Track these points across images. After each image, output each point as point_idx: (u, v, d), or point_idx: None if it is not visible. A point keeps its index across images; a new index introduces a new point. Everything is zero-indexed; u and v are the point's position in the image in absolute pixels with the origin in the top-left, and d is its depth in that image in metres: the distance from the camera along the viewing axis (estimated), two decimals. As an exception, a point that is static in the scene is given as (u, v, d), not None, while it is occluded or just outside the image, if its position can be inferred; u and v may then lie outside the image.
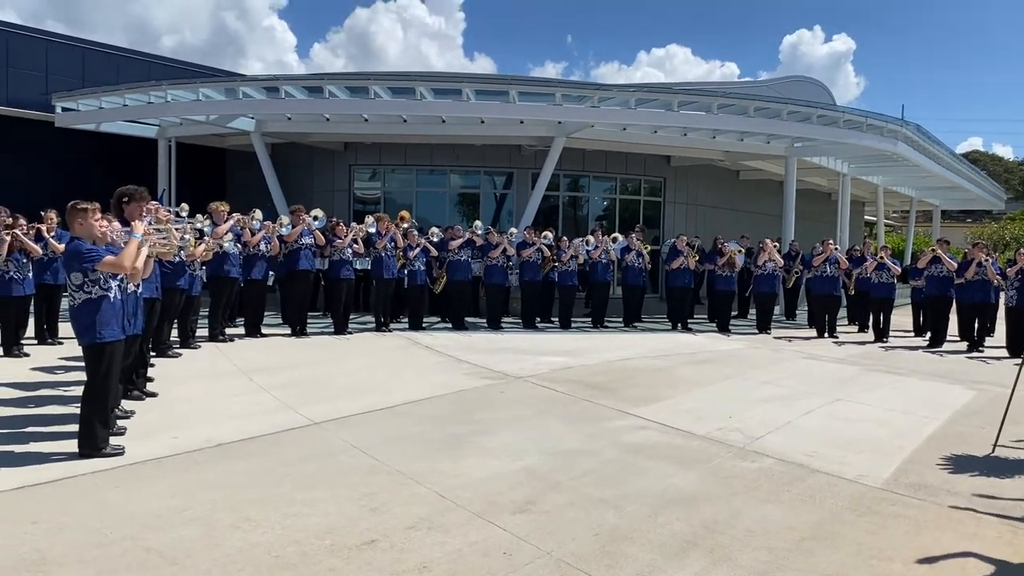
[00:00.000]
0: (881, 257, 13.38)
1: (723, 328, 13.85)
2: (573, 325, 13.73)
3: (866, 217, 32.91)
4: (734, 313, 14.92)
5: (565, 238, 14.33)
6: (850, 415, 7.35)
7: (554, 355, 10.33)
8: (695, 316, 15.20)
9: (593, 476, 5.27)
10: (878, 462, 5.78)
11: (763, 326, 13.95)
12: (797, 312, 16.48)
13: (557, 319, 13.97)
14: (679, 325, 14.05)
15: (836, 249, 13.94)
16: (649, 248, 14.88)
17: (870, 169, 21.26)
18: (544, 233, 13.67)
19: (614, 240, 14.23)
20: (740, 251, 14.27)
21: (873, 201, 26.05)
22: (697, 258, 14.48)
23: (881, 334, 13.33)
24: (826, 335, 13.51)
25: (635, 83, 26.25)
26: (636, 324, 14.25)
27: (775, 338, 13.31)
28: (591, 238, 14.03)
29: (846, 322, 15.15)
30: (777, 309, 15.52)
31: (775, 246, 14.21)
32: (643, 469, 5.48)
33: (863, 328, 14.42)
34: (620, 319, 14.34)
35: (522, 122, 15.06)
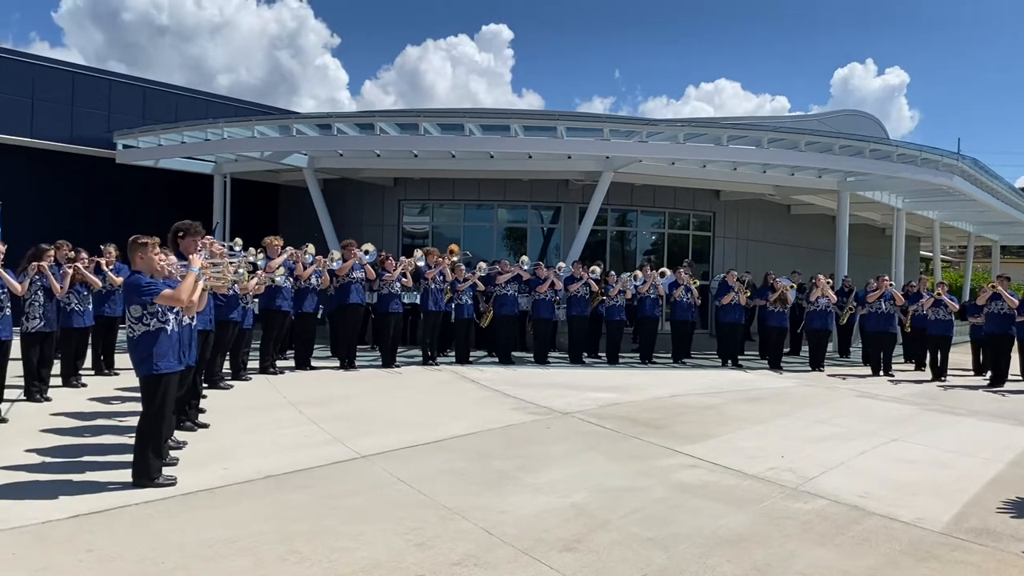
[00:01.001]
0: (938, 293, 13.05)
1: (775, 365, 13.61)
2: (621, 361, 13.62)
3: (922, 252, 32.20)
4: (786, 350, 14.65)
5: (612, 273, 14.28)
6: (907, 456, 7.14)
7: (601, 391, 10.25)
8: (746, 353, 14.98)
9: (641, 515, 5.19)
10: (937, 505, 5.59)
11: (816, 363, 13.67)
12: (851, 349, 16.13)
13: (604, 354, 13.88)
14: (729, 362, 13.85)
15: (891, 285, 13.64)
16: (698, 283, 14.74)
17: (926, 204, 20.83)
18: (592, 268, 13.64)
19: (663, 275, 14.14)
20: (792, 287, 14.05)
21: (929, 236, 25.50)
22: (748, 293, 14.29)
23: (939, 373, 12.96)
24: (881, 373, 13.19)
25: (684, 117, 26.22)
26: (685, 360, 14.08)
27: (828, 376, 13.03)
28: (639, 273, 13.96)
29: (902, 360, 14.77)
30: (830, 346, 15.20)
31: (828, 282, 13.96)
32: (693, 508, 5.38)
33: (920, 366, 14.04)
34: (669, 355, 14.19)
35: (570, 157, 15.12)
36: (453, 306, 12.88)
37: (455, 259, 13.38)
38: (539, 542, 4.60)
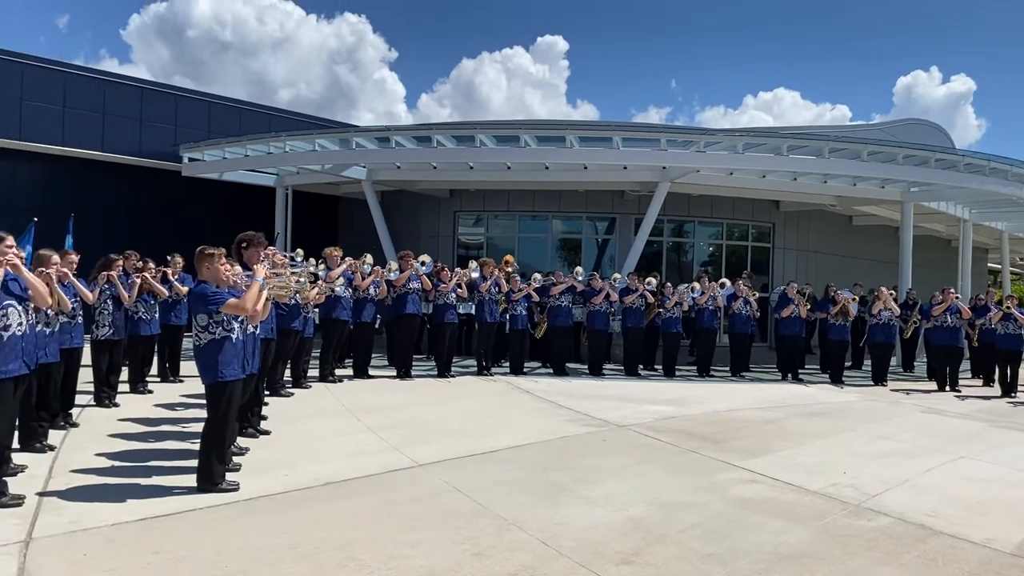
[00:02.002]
0: (1007, 307, 12.63)
1: (836, 379, 13.31)
2: (677, 373, 13.48)
3: (990, 264, 31.17)
4: (848, 364, 14.34)
5: (669, 284, 14.16)
6: (975, 474, 6.91)
7: (658, 404, 10.16)
8: (806, 366, 14.68)
9: (700, 530, 5.12)
10: (1008, 525, 5.41)
11: (879, 378, 13.33)
12: (916, 364, 15.70)
13: (660, 367, 13.75)
14: (789, 375, 13.60)
15: (957, 298, 13.26)
16: (757, 295, 14.50)
17: (994, 214, 20.19)
18: (648, 279, 13.54)
19: (721, 286, 13.96)
20: (854, 299, 13.75)
21: (998, 248, 24.68)
22: (808, 306, 14.02)
23: (1008, 388, 12.52)
24: (947, 388, 12.80)
25: (742, 127, 25.87)
26: (744, 374, 13.86)
27: (892, 391, 12.70)
28: (696, 284, 13.82)
29: (969, 375, 14.31)
30: (894, 360, 14.81)
31: (891, 294, 13.62)
32: (752, 524, 5.29)
33: (988, 382, 13.58)
34: (727, 368, 13.99)
35: (625, 168, 15.04)
36: (508, 317, 12.92)
37: (510, 270, 13.42)
38: (596, 555, 4.58)
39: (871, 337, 13.77)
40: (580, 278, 13.36)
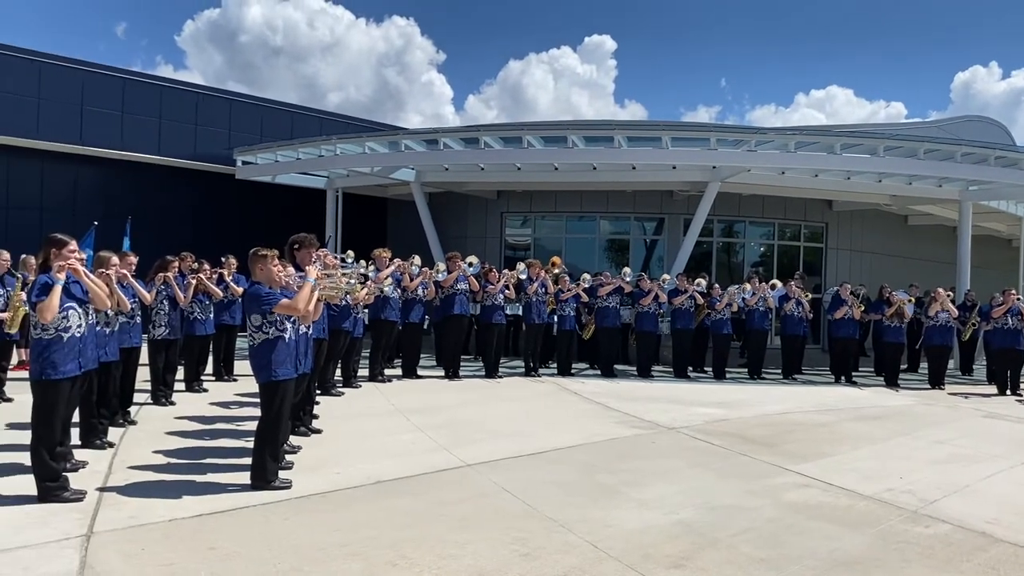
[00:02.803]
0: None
1: (891, 382, 13.01)
2: (728, 376, 13.31)
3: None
4: (903, 367, 14.00)
5: (718, 285, 14.00)
6: (1040, 481, 6.69)
7: (708, 406, 10.05)
8: (860, 369, 14.38)
9: (752, 534, 5.05)
10: (1077, 536, 5.22)
11: (936, 381, 13.00)
12: (974, 367, 15.27)
13: (710, 369, 13.60)
14: (843, 378, 13.35)
15: (1019, 299, 12.85)
16: (810, 296, 14.26)
17: (1058, 213, 19.53)
18: (697, 280, 13.40)
19: (772, 287, 13.76)
20: (909, 300, 13.42)
21: (1062, 247, 23.86)
22: (862, 308, 13.73)
23: (1074, 393, 12.11)
24: (1008, 392, 12.42)
25: (794, 126, 25.47)
26: (796, 376, 13.63)
27: (950, 394, 12.36)
28: (747, 285, 13.64)
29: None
30: (951, 363, 14.43)
31: (948, 295, 13.28)
32: (805, 530, 5.20)
33: (1052, 386, 13.15)
34: (778, 370, 13.78)
35: (675, 167, 14.91)
36: (556, 318, 12.90)
37: (557, 271, 13.40)
38: (646, 558, 4.54)
39: (928, 339, 13.44)
40: (628, 279, 13.28)
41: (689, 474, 6.59)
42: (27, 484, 5.17)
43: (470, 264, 12.11)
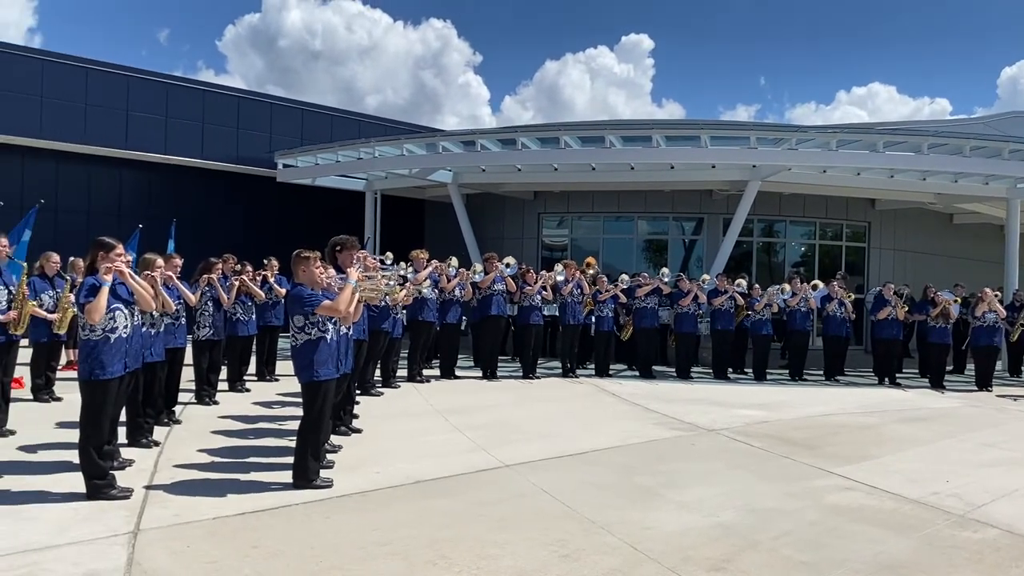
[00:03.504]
0: None
1: (936, 384, 12.76)
2: (768, 377, 13.16)
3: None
4: (949, 368, 13.72)
5: (758, 286, 13.84)
6: (1094, 487, 6.51)
7: (748, 408, 9.94)
8: (904, 370, 14.13)
9: (793, 537, 4.99)
10: None
11: (983, 383, 12.72)
12: (1023, 368, 14.89)
13: (751, 370, 13.46)
14: (886, 380, 13.11)
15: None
16: (852, 297, 14.04)
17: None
18: (737, 280, 13.27)
19: (814, 288, 13.57)
20: (955, 301, 13.15)
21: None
22: (906, 308, 13.48)
23: None
24: (1059, 395, 12.11)
25: (835, 124, 25.10)
26: (838, 378, 13.44)
27: (997, 396, 12.09)
28: (787, 286, 13.47)
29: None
30: (999, 365, 14.10)
31: (996, 295, 12.98)
32: (849, 533, 5.12)
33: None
34: (820, 372, 13.59)
35: (714, 166, 14.79)
36: (593, 318, 12.87)
37: (591, 272, 13.37)
38: (686, 560, 4.51)
39: (975, 340, 13.15)
40: (666, 280, 13.19)
41: (729, 476, 6.53)
42: (76, 482, 5.29)
43: (507, 265, 12.14)
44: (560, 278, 12.42)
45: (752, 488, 6.15)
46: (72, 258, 9.97)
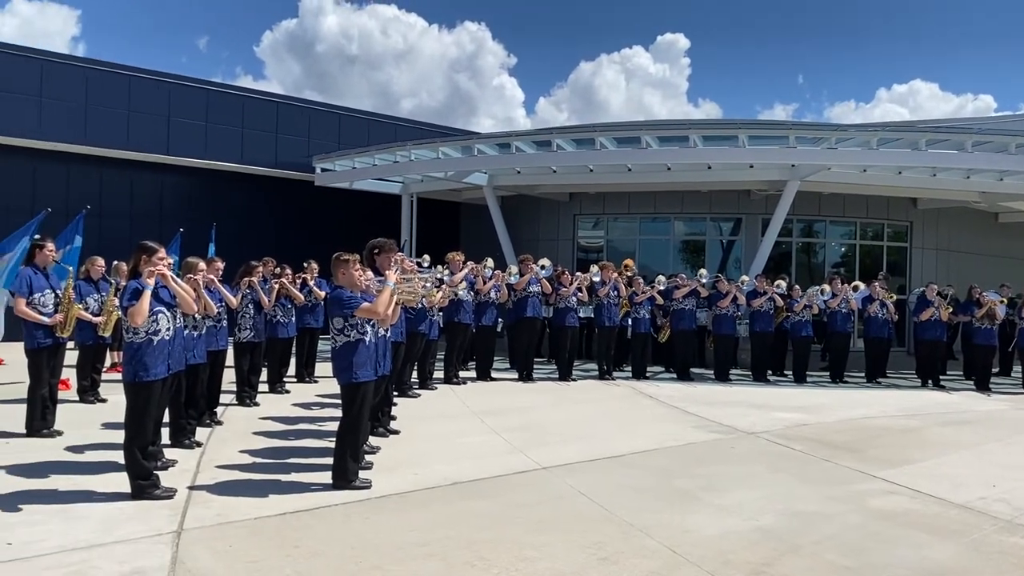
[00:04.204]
0: None
1: (982, 386, 12.49)
2: (809, 379, 12.98)
3: None
4: (995, 370, 13.42)
5: (797, 287, 13.66)
6: None
7: (788, 411, 9.82)
8: (948, 373, 13.84)
9: (835, 542, 4.92)
10: None
11: (1032, 385, 12.42)
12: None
13: (790, 372, 13.29)
14: (930, 382, 12.86)
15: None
16: (894, 298, 13.80)
17: None
18: (777, 282, 13.12)
19: (855, 289, 13.36)
20: (1001, 301, 12.86)
21: None
22: (950, 309, 13.21)
23: None
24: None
25: (876, 122, 24.72)
26: (880, 380, 13.22)
27: (1047, 399, 11.79)
28: (827, 287, 13.28)
29: None
30: (1049, 367, 13.75)
31: (1045, 296, 12.66)
32: (892, 538, 5.03)
33: None
34: (861, 374, 13.37)
35: (752, 166, 14.63)
36: (630, 320, 12.80)
37: (629, 274, 13.30)
38: (725, 564, 4.47)
39: (1021, 341, 12.85)
40: (704, 281, 13.06)
41: (769, 479, 6.45)
42: (121, 482, 5.39)
43: (542, 267, 12.13)
44: (596, 279, 12.38)
45: (793, 492, 6.07)
46: (116, 262, 10.18)
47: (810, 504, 5.73)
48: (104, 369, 9.78)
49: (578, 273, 12.78)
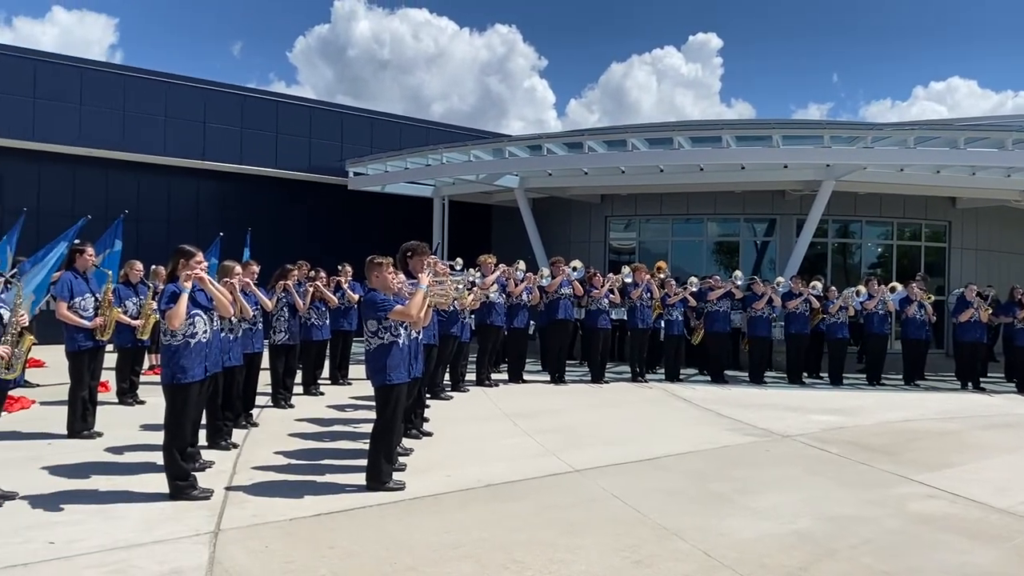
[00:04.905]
0: None
1: (1024, 389, 12.23)
2: (845, 382, 12.80)
3: None
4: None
5: (833, 288, 13.48)
6: None
7: (824, 413, 9.70)
8: (989, 375, 13.56)
9: (873, 546, 4.85)
10: None
11: (1076, 388, 12.12)
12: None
13: (826, 375, 13.11)
14: (970, 384, 12.61)
15: None
16: (932, 299, 13.57)
17: None
18: (812, 283, 12.96)
19: (892, 290, 13.16)
20: (1044, 302, 12.57)
21: None
22: (990, 310, 12.95)
23: None
24: None
25: (912, 120, 24.33)
26: (918, 382, 12.99)
27: (1093, 402, 11.51)
28: (862, 288, 13.09)
29: None
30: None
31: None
32: (932, 542, 4.95)
33: None
34: (899, 376, 13.16)
35: (786, 166, 14.48)
36: (663, 322, 12.73)
37: (662, 276, 13.22)
38: (761, 568, 4.42)
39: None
40: (739, 283, 12.94)
41: (806, 483, 6.38)
42: (160, 482, 5.47)
43: (574, 268, 12.10)
44: (627, 281, 12.32)
45: (829, 495, 5.99)
46: (154, 266, 10.33)
47: (847, 508, 5.65)
48: (142, 371, 9.93)
49: (609, 274, 12.74)
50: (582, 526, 5.07)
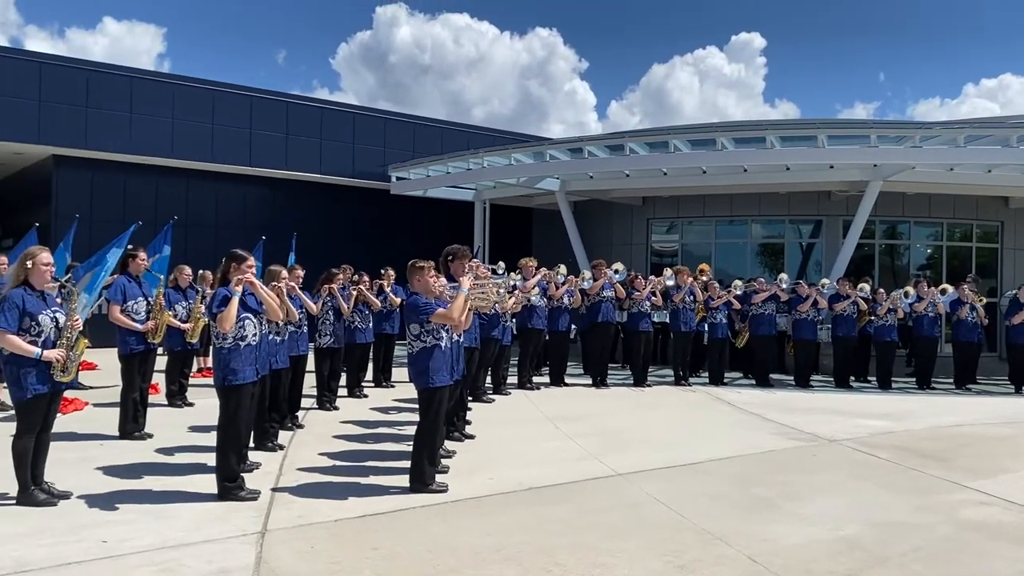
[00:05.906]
0: None
1: (1083, 393, 11.87)
2: (894, 385, 12.56)
3: None
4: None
5: (881, 290, 13.24)
6: None
7: (872, 418, 9.52)
8: (1045, 379, 13.18)
9: (924, 553, 4.75)
10: None
11: None
12: None
13: (874, 378, 12.87)
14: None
15: None
16: (984, 301, 13.24)
17: None
18: (860, 285, 12.74)
19: (943, 292, 12.87)
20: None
21: None
22: (1046, 312, 12.59)
23: None
24: None
25: (963, 119, 23.77)
26: (970, 386, 12.68)
27: None
28: (910, 290, 12.83)
29: None
30: None
31: None
32: (985, 551, 4.83)
33: None
34: (949, 380, 12.86)
35: (832, 167, 14.25)
36: (706, 325, 12.61)
37: (705, 279, 13.11)
38: (807, 574, 4.37)
39: None
40: (784, 285, 12.76)
41: (853, 488, 6.27)
42: (208, 483, 5.58)
43: (616, 271, 12.06)
44: (670, 283, 12.23)
45: (878, 501, 5.89)
46: (202, 271, 10.54)
47: (897, 514, 5.54)
48: (191, 374, 10.13)
49: (651, 277, 12.66)
50: (624, 530, 5.06)
